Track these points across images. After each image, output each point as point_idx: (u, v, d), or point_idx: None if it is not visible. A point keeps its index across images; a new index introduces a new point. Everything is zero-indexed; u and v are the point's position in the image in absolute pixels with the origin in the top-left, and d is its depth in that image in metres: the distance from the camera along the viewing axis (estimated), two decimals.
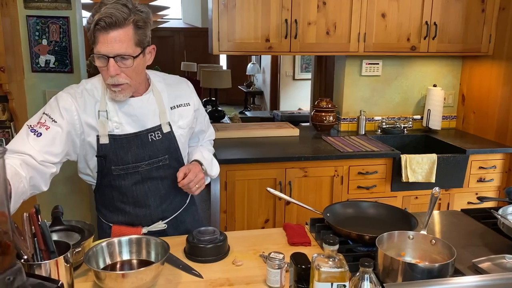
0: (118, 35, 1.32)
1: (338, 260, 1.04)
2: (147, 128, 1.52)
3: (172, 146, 1.57)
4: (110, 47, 1.33)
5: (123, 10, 1.33)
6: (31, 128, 1.39)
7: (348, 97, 3.29)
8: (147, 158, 1.52)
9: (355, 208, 1.68)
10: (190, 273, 1.37)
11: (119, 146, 1.48)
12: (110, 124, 1.47)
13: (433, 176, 2.77)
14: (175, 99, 1.59)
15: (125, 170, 1.52)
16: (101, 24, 1.30)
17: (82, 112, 1.44)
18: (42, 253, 1.19)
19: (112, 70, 1.35)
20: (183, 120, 1.60)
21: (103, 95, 1.48)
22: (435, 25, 2.96)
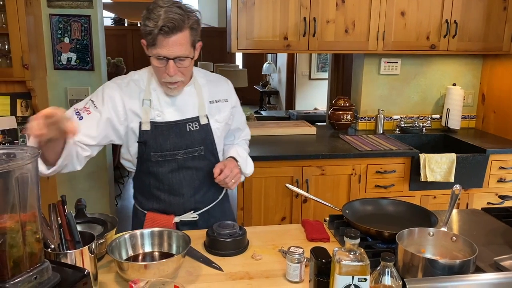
0: (178, 39, 1.41)
1: (359, 254, 1.05)
2: (186, 118, 1.59)
3: (208, 138, 1.63)
4: (171, 50, 1.41)
5: (180, 13, 1.40)
6: (76, 111, 1.51)
7: (366, 96, 3.28)
8: (184, 147, 1.59)
9: (374, 205, 1.68)
10: (210, 266, 1.39)
11: (159, 133, 1.55)
12: (152, 112, 1.55)
13: (452, 175, 2.74)
14: (214, 95, 1.66)
15: (163, 157, 1.58)
16: (165, 29, 1.38)
17: (128, 100, 1.54)
18: (68, 243, 1.22)
19: (172, 70, 1.45)
20: (220, 114, 1.67)
21: (148, 85, 1.57)
22: (455, 24, 2.93)
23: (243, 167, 1.69)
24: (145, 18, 1.40)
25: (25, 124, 2.88)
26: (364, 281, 1.03)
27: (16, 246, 0.88)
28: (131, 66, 9.28)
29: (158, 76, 1.52)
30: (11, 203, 0.87)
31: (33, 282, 0.93)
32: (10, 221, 0.87)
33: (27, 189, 0.89)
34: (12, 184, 0.85)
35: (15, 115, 2.88)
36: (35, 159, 0.89)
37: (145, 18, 1.41)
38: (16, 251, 0.89)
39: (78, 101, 2.91)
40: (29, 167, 0.87)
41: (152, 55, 1.44)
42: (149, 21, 1.39)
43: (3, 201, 0.86)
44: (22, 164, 0.86)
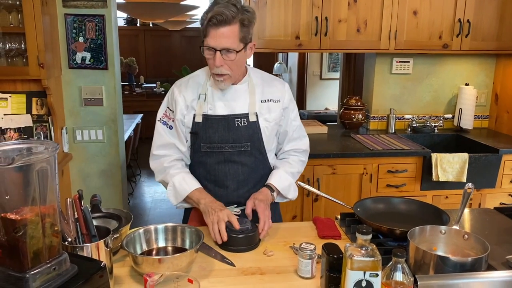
0: (226, 31, 1.49)
1: (371, 250, 1.06)
2: (235, 113, 1.66)
3: (255, 135, 1.68)
4: (218, 41, 1.50)
5: (233, 9, 1.49)
6: (162, 122, 1.71)
7: (378, 95, 3.28)
8: (231, 141, 1.66)
9: (385, 204, 1.69)
10: (223, 261, 1.41)
11: (209, 125, 1.65)
12: (205, 106, 1.66)
13: (464, 175, 2.73)
14: (267, 94, 1.71)
15: (211, 148, 1.67)
16: (213, 21, 1.48)
17: (188, 96, 1.67)
18: (84, 236, 1.25)
19: (218, 61, 1.53)
20: (271, 114, 1.70)
21: (205, 81, 1.69)
22: (469, 23, 2.91)
23: (284, 193, 1.73)
24: (203, 14, 1.53)
25: (40, 122, 2.93)
26: (375, 276, 1.04)
27: (36, 238, 0.91)
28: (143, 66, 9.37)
29: (210, 67, 1.61)
30: (31, 195, 0.89)
31: (52, 273, 0.96)
32: (30, 213, 0.89)
33: (46, 182, 0.91)
34: (33, 177, 0.88)
35: (31, 113, 2.92)
36: (55, 153, 0.91)
37: (203, 14, 1.54)
38: (36, 243, 0.91)
39: (92, 99, 3.01)
40: (49, 160, 0.90)
41: (203, 46, 1.54)
42: (204, 14, 1.52)
43: (24, 193, 0.89)
44: (42, 158, 0.89)
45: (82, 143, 3.10)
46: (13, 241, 0.89)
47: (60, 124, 2.96)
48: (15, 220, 0.87)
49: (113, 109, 3.08)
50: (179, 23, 8.17)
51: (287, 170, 1.76)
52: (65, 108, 3.04)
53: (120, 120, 3.16)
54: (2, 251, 0.92)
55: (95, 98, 3.03)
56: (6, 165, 0.84)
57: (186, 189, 1.64)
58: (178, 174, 1.67)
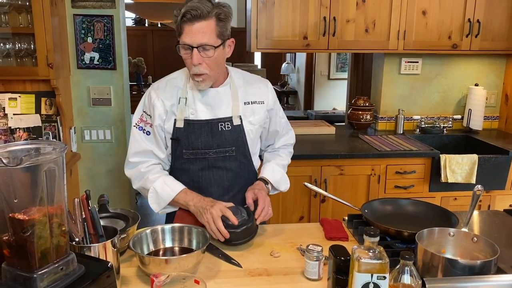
0: (201, 26, 1.43)
1: (378, 252, 1.05)
2: (219, 118, 1.61)
3: (240, 139, 1.63)
4: (194, 38, 1.44)
5: (207, 4, 1.44)
6: (138, 127, 1.62)
7: (386, 96, 3.26)
8: (215, 146, 1.61)
9: (393, 205, 1.67)
10: (230, 262, 1.40)
11: (191, 131, 1.59)
12: (187, 110, 1.59)
13: (473, 177, 2.70)
14: (250, 96, 1.66)
15: (194, 154, 1.61)
16: (187, 16, 1.42)
17: (167, 101, 1.59)
18: (91, 236, 1.26)
19: (195, 59, 1.46)
20: (255, 116, 1.66)
21: (185, 83, 1.61)
22: (478, 23, 2.88)
23: (277, 185, 1.71)
24: (176, 9, 1.46)
25: (49, 122, 2.95)
26: (383, 279, 1.03)
27: (43, 238, 0.91)
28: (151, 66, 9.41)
29: (188, 68, 1.54)
30: (39, 196, 0.90)
31: (59, 273, 0.96)
32: (38, 213, 0.90)
33: (54, 182, 0.92)
34: (41, 177, 0.88)
35: (40, 113, 2.95)
36: (63, 153, 0.91)
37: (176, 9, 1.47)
38: (44, 243, 0.92)
39: (100, 99, 3.02)
40: (57, 161, 0.90)
41: (179, 44, 1.47)
42: (177, 10, 1.45)
43: (32, 194, 0.89)
44: (50, 158, 0.89)
45: (90, 143, 3.12)
46: (21, 241, 0.90)
47: (69, 124, 2.98)
48: (23, 220, 0.88)
49: (121, 109, 3.09)
50: None
51: (279, 163, 1.76)
52: (74, 108, 3.06)
53: (128, 120, 3.18)
54: (10, 251, 0.93)
55: (103, 98, 3.04)
56: (15, 166, 0.84)
57: (169, 193, 1.57)
58: (159, 179, 1.59)
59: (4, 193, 0.87)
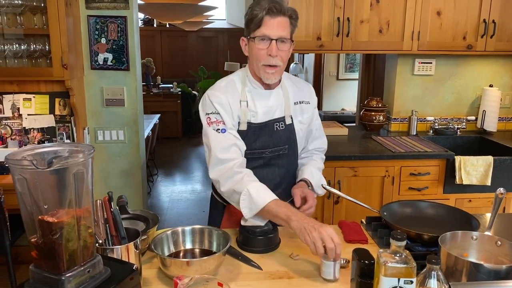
0: (282, 20, 1.52)
1: (405, 256, 1.04)
2: (275, 118, 1.66)
3: (291, 137, 1.70)
4: (275, 30, 1.51)
5: (284, 3, 1.54)
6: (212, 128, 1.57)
7: (399, 97, 3.24)
8: (271, 145, 1.66)
9: (412, 208, 1.66)
10: (250, 264, 1.40)
11: (252, 133, 1.63)
12: (249, 113, 1.63)
13: (488, 179, 2.68)
14: (298, 96, 1.73)
15: (251, 154, 1.65)
16: (272, 10, 1.49)
17: (232, 101, 1.61)
18: (113, 238, 1.26)
19: (274, 50, 1.51)
20: (303, 115, 1.73)
21: (243, 87, 1.64)
22: (494, 23, 2.85)
23: (316, 188, 1.72)
24: (252, 8, 1.54)
25: (63, 122, 2.97)
26: (410, 283, 1.02)
27: (71, 240, 0.91)
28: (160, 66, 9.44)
29: (259, 60, 1.55)
30: (68, 198, 0.90)
31: (85, 276, 0.96)
32: (66, 216, 0.90)
33: (82, 185, 0.92)
34: (70, 180, 0.88)
35: (54, 113, 2.97)
36: (91, 156, 0.91)
37: (250, 8, 1.54)
38: (72, 245, 0.92)
39: (113, 100, 3.04)
40: (85, 163, 0.90)
41: (256, 36, 1.52)
42: (255, 7, 1.52)
43: (61, 196, 0.89)
44: (79, 161, 0.89)
45: (103, 143, 3.13)
46: (49, 243, 0.90)
47: (82, 125, 2.99)
48: (52, 222, 0.88)
49: (134, 110, 3.10)
50: (196, 24, 8.20)
51: (315, 166, 1.79)
52: (87, 109, 3.07)
53: (141, 120, 3.19)
54: (38, 253, 0.93)
55: (117, 98, 3.05)
56: (44, 168, 0.84)
57: (264, 198, 1.45)
58: (254, 182, 1.50)
59: (34, 195, 0.87)
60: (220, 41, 10.19)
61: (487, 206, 2.78)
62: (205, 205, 4.83)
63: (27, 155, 0.91)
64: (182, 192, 5.26)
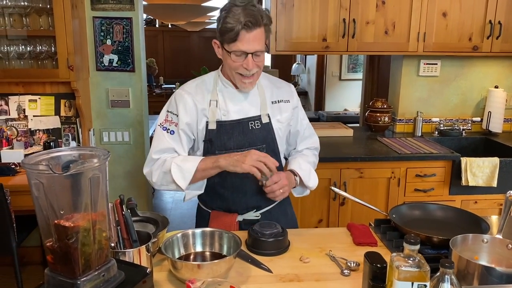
0: (257, 34, 1.49)
1: (418, 260, 1.04)
2: (249, 117, 1.64)
3: (269, 136, 1.67)
4: (251, 45, 1.49)
5: (256, 10, 1.49)
6: (162, 127, 1.63)
7: (405, 98, 3.24)
8: (247, 145, 1.63)
9: (421, 210, 1.66)
10: (260, 267, 1.40)
11: (223, 132, 1.62)
12: (219, 112, 1.62)
13: (494, 180, 2.67)
14: (276, 95, 1.71)
15: None
16: (248, 25, 1.46)
17: (198, 102, 1.61)
18: (124, 241, 1.26)
19: (251, 64, 1.52)
20: (282, 114, 1.70)
21: (214, 86, 1.64)
22: (500, 24, 2.85)
23: (305, 180, 1.69)
24: (224, 17, 1.48)
25: (68, 123, 2.97)
26: (424, 287, 1.02)
27: (87, 244, 0.92)
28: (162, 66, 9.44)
29: (234, 69, 1.55)
30: (83, 202, 0.90)
31: (100, 279, 0.97)
32: (82, 220, 0.90)
33: (98, 189, 0.92)
34: (86, 184, 0.89)
35: (59, 115, 2.97)
36: (106, 160, 0.92)
37: (223, 17, 1.49)
38: (87, 249, 0.92)
39: (119, 101, 3.04)
40: (101, 168, 0.91)
41: (232, 51, 1.50)
42: (229, 18, 1.47)
43: (77, 200, 0.90)
44: (94, 165, 0.89)
45: (108, 145, 3.13)
46: (65, 248, 0.90)
47: (88, 126, 2.99)
48: (68, 227, 0.88)
49: (140, 111, 3.10)
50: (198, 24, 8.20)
51: (304, 160, 1.76)
52: (93, 110, 3.08)
53: (146, 122, 3.19)
54: (54, 257, 0.93)
55: (122, 100, 3.06)
56: (62, 173, 0.84)
57: (193, 163, 1.54)
58: (178, 157, 1.59)
59: (50, 199, 0.87)
60: None
61: (493, 207, 2.78)
62: None
63: (43, 159, 0.91)
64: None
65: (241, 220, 1.70)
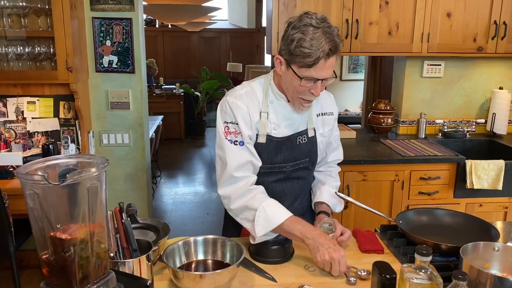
0: (333, 60, 1.37)
1: (430, 272, 1.00)
2: (298, 132, 1.58)
3: (313, 150, 1.63)
4: (325, 72, 1.38)
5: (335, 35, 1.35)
6: (229, 140, 1.49)
7: (408, 99, 3.19)
8: (293, 159, 1.59)
9: (429, 216, 1.62)
10: (263, 276, 1.36)
11: (273, 147, 1.55)
12: (269, 125, 1.53)
13: (500, 183, 2.63)
14: (321, 108, 1.64)
15: (272, 168, 1.58)
16: (330, 53, 1.34)
17: (252, 111, 1.51)
18: (124, 250, 1.22)
19: (319, 91, 1.42)
20: (325, 127, 1.66)
21: (265, 97, 1.53)
22: (505, 25, 2.81)
23: (333, 208, 1.67)
24: (299, 39, 1.33)
25: (67, 125, 2.93)
26: None
27: (85, 257, 0.87)
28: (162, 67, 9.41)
29: (298, 92, 1.44)
30: (81, 213, 0.86)
31: None
32: (79, 232, 0.86)
33: (96, 199, 0.88)
34: (83, 194, 0.84)
35: (58, 117, 2.93)
36: (105, 169, 0.87)
37: (298, 39, 1.33)
38: (85, 262, 0.88)
39: (118, 103, 3.00)
40: (99, 177, 0.86)
41: (304, 77, 1.38)
42: (308, 43, 1.32)
43: (74, 211, 0.85)
44: (93, 174, 0.85)
45: (108, 147, 3.09)
46: (61, 261, 0.86)
47: (87, 128, 2.95)
48: (64, 239, 0.84)
49: (140, 113, 3.06)
50: (198, 24, 8.16)
51: (333, 185, 1.73)
52: (92, 112, 3.04)
53: (146, 123, 3.15)
54: (50, 270, 0.89)
55: (122, 102, 3.01)
56: (57, 183, 0.80)
57: (280, 215, 1.42)
58: (269, 199, 1.47)
59: (45, 210, 0.83)
60: (223, 42, 10.16)
61: (499, 210, 2.73)
62: (209, 208, 4.80)
63: (39, 167, 0.87)
64: (186, 194, 5.22)
65: None
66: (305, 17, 1.36)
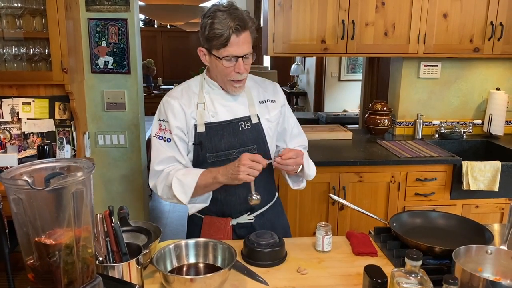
0: (246, 36, 1.50)
1: (421, 277, 0.99)
2: (238, 117, 1.63)
3: (260, 136, 1.65)
4: (241, 48, 1.49)
5: (245, 14, 1.50)
6: (158, 137, 1.61)
7: (405, 100, 3.19)
8: (238, 146, 1.61)
9: (423, 218, 1.61)
10: (255, 279, 1.35)
11: (213, 134, 1.60)
12: (207, 114, 1.60)
13: (496, 184, 2.63)
14: (263, 95, 1.71)
15: (218, 157, 1.61)
16: (238, 28, 1.46)
17: (186, 107, 1.60)
18: (114, 254, 1.21)
19: (243, 68, 1.52)
20: (270, 114, 1.69)
21: (200, 89, 1.63)
22: (501, 26, 2.80)
23: (305, 166, 1.63)
24: (210, 23, 1.46)
25: (62, 127, 2.92)
26: None
27: (70, 263, 0.86)
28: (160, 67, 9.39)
29: (225, 75, 1.55)
30: (66, 218, 0.85)
31: None
32: (65, 237, 0.85)
33: (81, 204, 0.87)
34: (68, 199, 0.84)
35: (53, 118, 2.92)
36: (91, 173, 0.87)
37: (209, 24, 1.46)
38: (71, 267, 0.87)
39: (114, 104, 2.99)
40: (85, 182, 0.86)
41: (223, 57, 1.49)
42: (217, 24, 1.45)
43: (59, 216, 0.84)
44: (78, 179, 0.84)
45: (104, 148, 3.08)
46: (46, 266, 0.85)
47: (83, 129, 2.94)
48: (49, 245, 0.83)
49: (135, 114, 3.05)
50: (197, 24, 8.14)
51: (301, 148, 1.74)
52: (88, 113, 3.02)
53: (142, 124, 3.14)
54: (35, 275, 0.88)
55: (118, 102, 3.00)
56: (42, 188, 0.79)
57: (193, 177, 1.52)
58: (180, 170, 1.57)
59: (30, 216, 0.82)
60: None
61: (495, 212, 2.73)
62: None
63: (24, 171, 0.86)
64: None
65: (234, 224, 1.67)
66: (213, 6, 1.50)
